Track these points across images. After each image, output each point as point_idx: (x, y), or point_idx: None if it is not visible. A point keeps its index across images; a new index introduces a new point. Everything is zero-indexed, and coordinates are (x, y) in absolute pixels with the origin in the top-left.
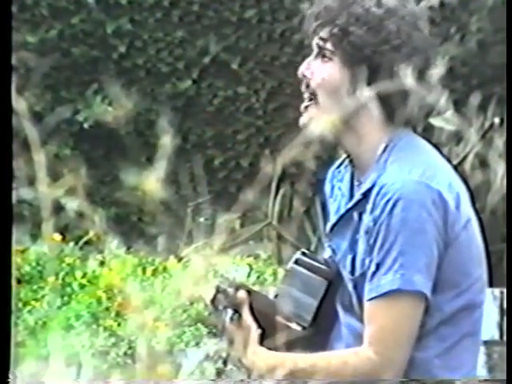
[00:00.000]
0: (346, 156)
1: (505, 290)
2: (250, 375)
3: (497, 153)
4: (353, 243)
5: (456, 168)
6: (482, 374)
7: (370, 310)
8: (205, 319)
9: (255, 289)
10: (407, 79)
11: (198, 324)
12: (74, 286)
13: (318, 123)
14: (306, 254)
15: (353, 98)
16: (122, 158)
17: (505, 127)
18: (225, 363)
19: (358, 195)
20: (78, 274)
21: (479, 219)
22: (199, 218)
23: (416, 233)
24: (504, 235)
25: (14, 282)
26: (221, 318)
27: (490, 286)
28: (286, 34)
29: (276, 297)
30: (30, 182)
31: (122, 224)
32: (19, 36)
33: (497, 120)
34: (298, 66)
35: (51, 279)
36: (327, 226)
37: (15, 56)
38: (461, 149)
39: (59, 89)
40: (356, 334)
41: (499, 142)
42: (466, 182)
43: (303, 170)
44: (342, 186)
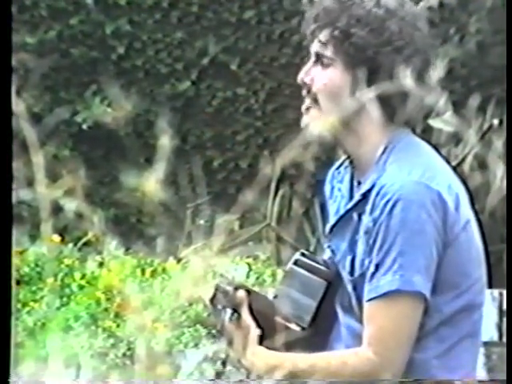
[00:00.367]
0: (346, 157)
1: (504, 291)
2: (248, 375)
3: (496, 154)
4: (352, 244)
5: (455, 169)
6: (481, 374)
7: (369, 310)
8: (204, 320)
9: (254, 289)
10: (407, 80)
11: (197, 325)
12: (73, 287)
13: (318, 124)
14: (306, 254)
15: (354, 100)
16: (121, 159)
17: (504, 128)
18: (224, 364)
19: (358, 196)
20: (76, 275)
21: (478, 220)
22: (198, 219)
23: (415, 233)
24: (503, 236)
25: (13, 283)
26: (220, 318)
27: (489, 287)
28: (285, 35)
29: (275, 297)
30: (28, 183)
31: (121, 225)
32: (18, 37)
33: (496, 121)
34: (298, 66)
35: (50, 280)
36: (327, 227)
37: (14, 57)
38: (460, 150)
39: (58, 90)
40: (355, 335)
41: (498, 143)
42: (465, 183)
43: (302, 171)
44: (342, 187)
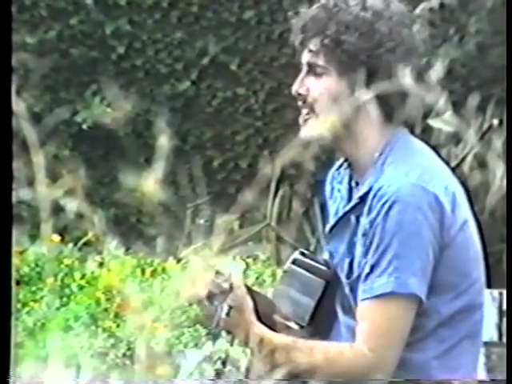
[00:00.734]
0: (344, 159)
1: (504, 291)
2: (247, 376)
3: (495, 154)
4: (351, 246)
5: (454, 169)
6: (481, 375)
7: (362, 309)
8: (204, 320)
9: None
10: (405, 80)
11: (197, 325)
12: (73, 287)
13: (317, 127)
14: (305, 253)
15: (351, 102)
16: (120, 159)
17: (504, 128)
18: (224, 364)
19: (356, 198)
20: (76, 275)
21: (477, 220)
22: (198, 219)
23: (411, 235)
24: (503, 236)
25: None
26: (216, 314)
27: (489, 287)
28: (284, 35)
29: (274, 296)
30: (28, 183)
31: (121, 225)
32: (18, 37)
33: (495, 121)
34: (297, 66)
35: (50, 280)
36: (326, 228)
37: (14, 57)
38: (459, 150)
39: (58, 90)
40: (355, 335)
41: (498, 143)
42: (463, 183)
43: (302, 171)
44: (341, 188)
